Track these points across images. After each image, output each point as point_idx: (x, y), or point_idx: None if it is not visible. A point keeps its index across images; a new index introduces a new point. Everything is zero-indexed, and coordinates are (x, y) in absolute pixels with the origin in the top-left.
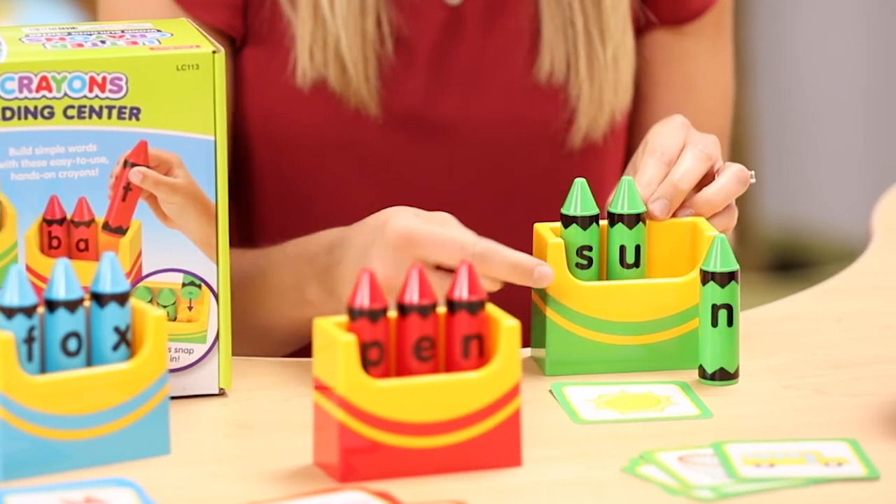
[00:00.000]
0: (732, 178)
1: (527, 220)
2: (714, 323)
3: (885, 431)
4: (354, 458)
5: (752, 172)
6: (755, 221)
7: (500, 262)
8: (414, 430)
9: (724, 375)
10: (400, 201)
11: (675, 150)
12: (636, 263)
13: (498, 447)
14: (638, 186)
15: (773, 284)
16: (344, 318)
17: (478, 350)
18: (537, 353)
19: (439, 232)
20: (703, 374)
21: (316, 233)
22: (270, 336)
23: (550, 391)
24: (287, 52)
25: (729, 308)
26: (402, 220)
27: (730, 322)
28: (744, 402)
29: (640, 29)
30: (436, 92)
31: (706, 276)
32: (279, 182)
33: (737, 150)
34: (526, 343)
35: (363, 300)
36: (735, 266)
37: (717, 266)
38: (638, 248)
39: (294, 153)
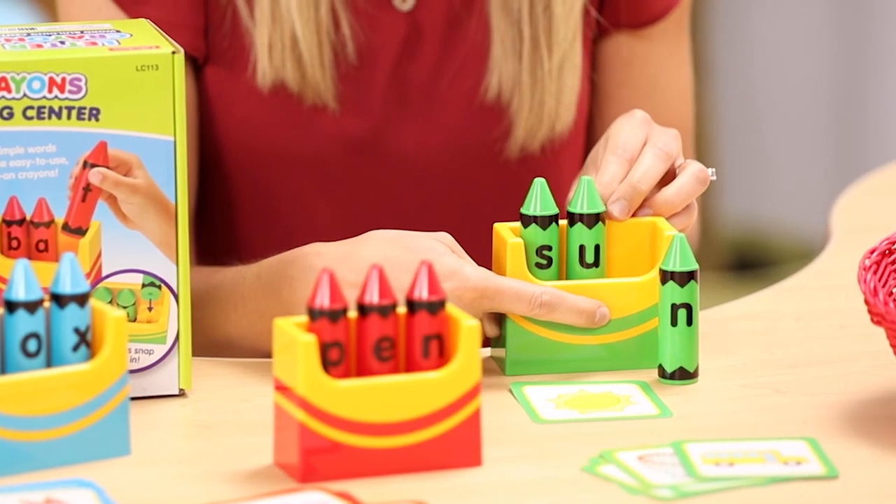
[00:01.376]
0: (692, 178)
1: (487, 232)
2: (674, 322)
3: (843, 430)
4: (315, 459)
5: (713, 170)
6: (715, 220)
7: (565, 309)
8: (374, 431)
9: (684, 375)
10: (361, 214)
11: (637, 147)
12: (596, 263)
13: (458, 447)
14: (598, 184)
15: (732, 283)
16: (304, 319)
17: (438, 350)
18: (497, 352)
19: (509, 284)
20: (662, 373)
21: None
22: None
23: (510, 391)
24: (247, 63)
25: (688, 307)
26: (473, 274)
27: (689, 321)
28: (703, 401)
29: (599, 34)
30: (391, 114)
31: (665, 276)
32: (245, 194)
33: (697, 150)
34: (486, 343)
35: (323, 300)
36: (694, 265)
37: (676, 265)
38: (597, 247)
39: (258, 164)
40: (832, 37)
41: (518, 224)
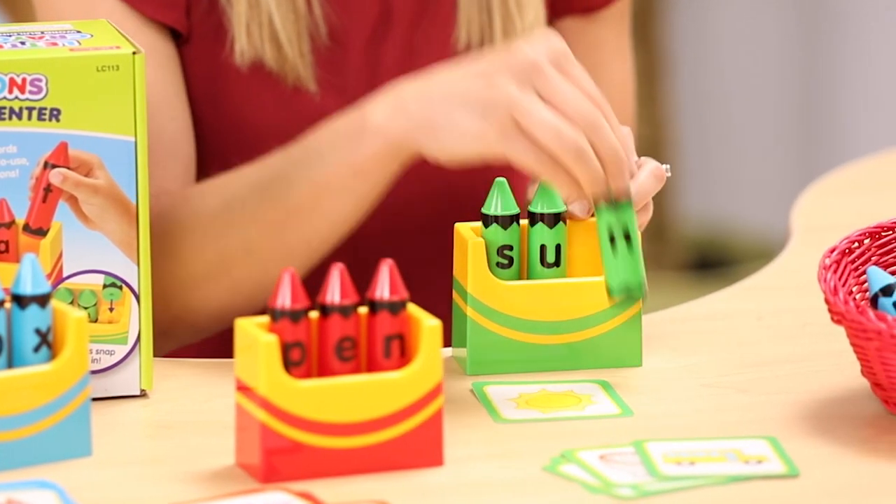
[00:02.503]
0: (650, 175)
1: (470, 207)
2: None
3: (804, 429)
4: (276, 459)
5: (667, 166)
6: (675, 220)
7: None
8: (336, 431)
9: (630, 293)
10: None
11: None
12: (557, 263)
13: (420, 447)
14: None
15: (693, 283)
16: (265, 319)
17: (399, 350)
18: (459, 352)
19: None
20: (609, 294)
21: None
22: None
23: (471, 390)
24: (225, 41)
25: (625, 231)
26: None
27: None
28: (664, 400)
29: (554, 15)
30: (366, 95)
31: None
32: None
33: (658, 150)
34: (447, 343)
35: (284, 301)
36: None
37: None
38: (558, 247)
39: (239, 140)
40: (792, 35)
41: (479, 224)
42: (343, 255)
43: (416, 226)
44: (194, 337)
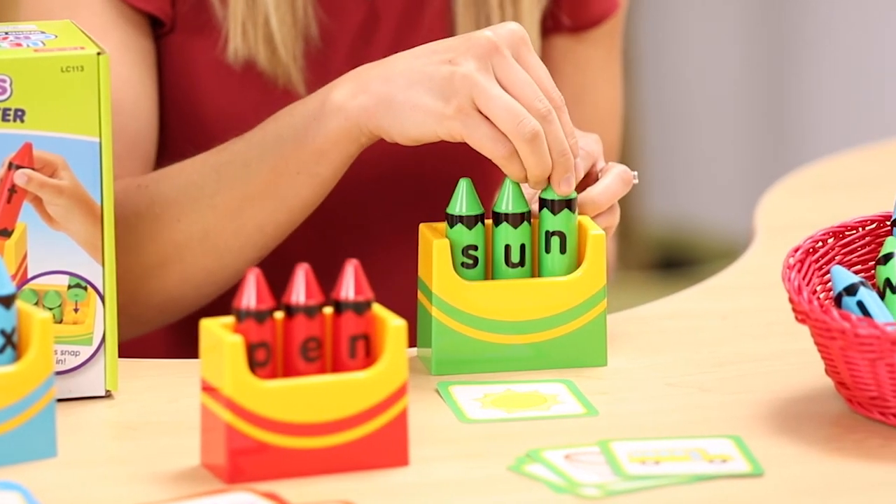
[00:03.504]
0: (617, 178)
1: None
2: (547, 250)
3: (768, 428)
4: (242, 459)
5: (635, 173)
6: (640, 220)
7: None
8: (301, 431)
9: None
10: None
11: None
12: (521, 263)
13: (385, 447)
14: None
15: (657, 282)
16: (230, 319)
17: (364, 350)
18: (424, 352)
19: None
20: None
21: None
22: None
23: (437, 390)
24: (215, 37)
25: (562, 235)
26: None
27: (563, 250)
28: (629, 400)
29: (543, 33)
30: None
31: (540, 205)
32: None
33: (622, 150)
34: (413, 343)
35: (249, 301)
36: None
37: (554, 194)
38: (523, 247)
39: (223, 137)
40: (755, 36)
41: (444, 224)
42: (308, 255)
43: (413, 204)
44: (134, 331)
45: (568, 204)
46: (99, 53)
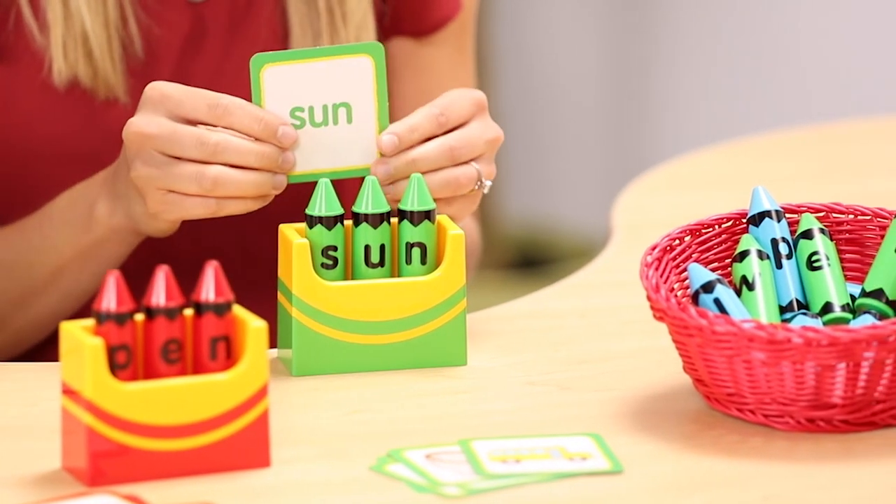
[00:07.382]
0: (424, 118)
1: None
2: (408, 261)
3: (627, 426)
4: (103, 462)
5: (489, 183)
6: (498, 219)
7: (243, 114)
8: (162, 433)
9: None
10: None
11: (456, 119)
12: (381, 263)
13: (246, 448)
14: (402, 127)
15: (515, 281)
16: (91, 322)
17: (225, 352)
18: (284, 353)
19: (188, 88)
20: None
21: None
22: (62, 280)
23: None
24: (38, 61)
25: (423, 246)
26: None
27: (423, 261)
28: (489, 398)
29: (384, 35)
30: None
31: (401, 215)
32: (22, 193)
33: None
34: (273, 344)
35: (110, 303)
36: (432, 205)
37: (414, 205)
38: (382, 247)
39: (45, 163)
40: (609, 35)
41: (304, 224)
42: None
43: (255, 215)
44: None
45: (427, 215)
46: None
